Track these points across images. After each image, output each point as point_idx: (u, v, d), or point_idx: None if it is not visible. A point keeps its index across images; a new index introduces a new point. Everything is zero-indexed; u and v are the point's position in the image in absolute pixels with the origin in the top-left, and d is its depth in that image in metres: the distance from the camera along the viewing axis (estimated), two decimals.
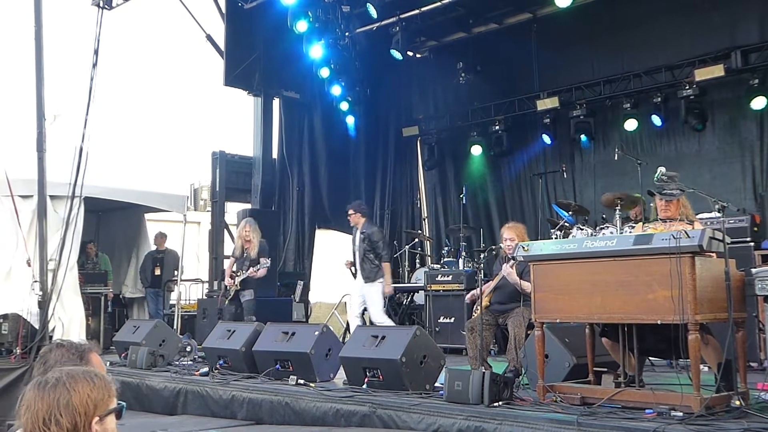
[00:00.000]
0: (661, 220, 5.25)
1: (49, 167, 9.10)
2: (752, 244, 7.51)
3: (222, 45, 12.02)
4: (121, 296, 12.21)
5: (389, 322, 8.44)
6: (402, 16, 11.09)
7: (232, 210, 13.27)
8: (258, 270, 8.84)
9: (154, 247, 12.20)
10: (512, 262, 6.38)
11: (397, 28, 11.11)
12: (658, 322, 4.43)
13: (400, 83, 13.39)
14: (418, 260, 11.94)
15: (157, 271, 11.75)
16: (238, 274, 8.88)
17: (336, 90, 12.29)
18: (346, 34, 11.79)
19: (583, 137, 11.07)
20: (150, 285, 11.80)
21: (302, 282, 12.13)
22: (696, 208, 5.84)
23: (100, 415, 1.97)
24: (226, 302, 8.99)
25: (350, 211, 8.64)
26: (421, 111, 13.56)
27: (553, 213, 10.24)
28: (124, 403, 2.09)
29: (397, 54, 11.29)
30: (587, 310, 4.82)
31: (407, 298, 10.91)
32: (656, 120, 10.39)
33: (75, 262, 9.48)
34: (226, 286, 9.09)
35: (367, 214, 8.77)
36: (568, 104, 11.19)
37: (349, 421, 5.33)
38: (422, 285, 9.92)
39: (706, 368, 5.10)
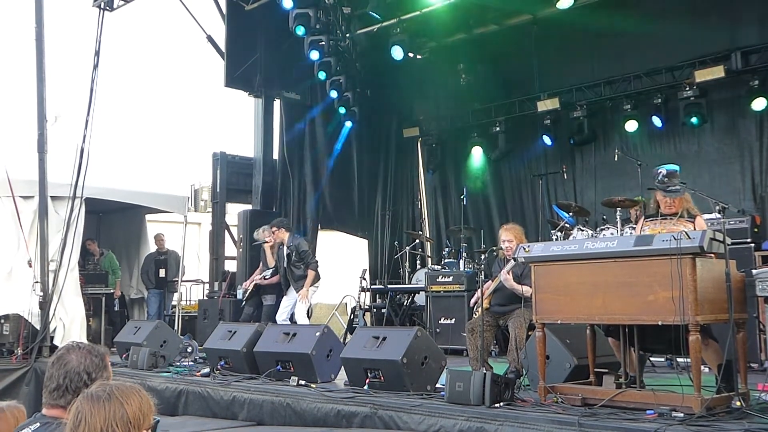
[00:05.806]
0: (662, 215, 5.26)
1: (50, 168, 9.13)
2: (753, 245, 7.51)
3: (223, 46, 12.03)
4: (126, 297, 12.22)
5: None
6: (402, 17, 11.08)
7: (233, 211, 13.29)
8: (264, 278, 9.02)
9: (154, 249, 12.20)
10: (509, 265, 6.38)
11: (398, 29, 11.09)
12: (659, 323, 4.44)
13: (400, 84, 13.37)
14: (418, 261, 11.93)
15: (162, 273, 11.76)
16: (256, 279, 9.20)
17: (336, 91, 12.31)
18: (347, 35, 11.79)
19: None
20: (155, 286, 11.81)
21: None
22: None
23: (146, 428, 2.11)
24: (243, 301, 9.35)
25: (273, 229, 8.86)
26: (422, 112, 13.55)
27: (554, 214, 10.24)
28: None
29: (396, 54, 11.26)
30: (588, 311, 4.82)
31: (408, 299, 10.91)
32: (656, 121, 10.40)
33: (76, 263, 9.50)
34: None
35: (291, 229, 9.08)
36: (569, 105, 11.19)
37: (350, 421, 5.33)
38: (423, 286, 9.93)
39: (706, 369, 5.10)
